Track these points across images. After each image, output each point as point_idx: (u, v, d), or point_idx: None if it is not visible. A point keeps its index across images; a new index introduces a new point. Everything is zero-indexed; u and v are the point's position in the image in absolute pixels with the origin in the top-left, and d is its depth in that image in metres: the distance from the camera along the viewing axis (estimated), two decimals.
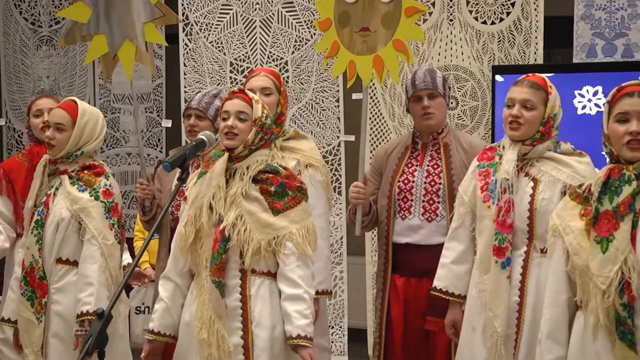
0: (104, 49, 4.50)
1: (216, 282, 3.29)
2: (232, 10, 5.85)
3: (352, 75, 4.16)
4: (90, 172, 3.86)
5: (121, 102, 6.62)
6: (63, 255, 3.81)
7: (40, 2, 6.77)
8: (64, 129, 3.83)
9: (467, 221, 3.63)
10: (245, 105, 3.38)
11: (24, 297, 3.77)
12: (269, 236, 3.30)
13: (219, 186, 3.34)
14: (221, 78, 5.90)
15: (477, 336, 3.51)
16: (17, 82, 6.87)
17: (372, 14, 4.08)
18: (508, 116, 3.52)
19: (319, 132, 5.72)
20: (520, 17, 5.29)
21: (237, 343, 3.30)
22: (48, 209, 3.80)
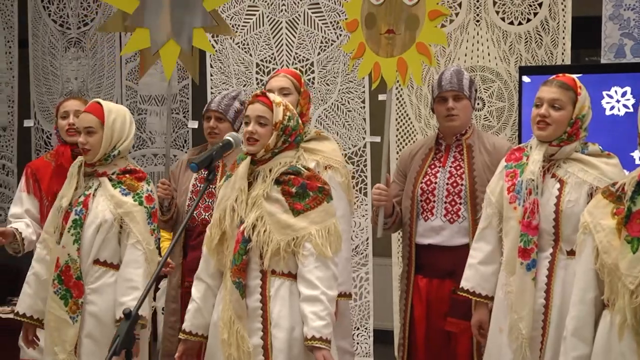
0: (145, 44, 4.54)
1: (236, 283, 3.32)
2: (259, 11, 5.86)
3: (376, 77, 4.18)
4: (132, 176, 3.87)
5: (147, 103, 6.63)
6: (101, 257, 3.81)
7: (69, 5, 6.80)
8: (94, 131, 3.80)
9: (495, 222, 3.62)
10: (266, 110, 3.38)
11: (57, 296, 3.75)
12: (288, 237, 3.31)
13: (241, 189, 3.37)
14: (247, 79, 5.92)
15: (504, 338, 3.52)
16: (45, 83, 6.92)
17: (397, 16, 4.10)
18: (536, 116, 3.52)
19: (345, 133, 5.73)
20: (548, 17, 5.26)
21: (257, 344, 3.33)
22: (87, 210, 3.78)
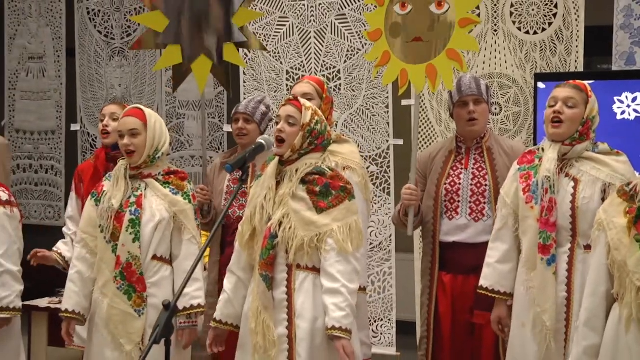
0: (177, 60, 4.54)
1: (263, 276, 3.32)
2: (289, 22, 5.85)
3: (403, 83, 4.15)
4: (176, 177, 3.88)
5: (185, 108, 6.68)
6: (158, 253, 3.81)
7: (113, 16, 6.86)
8: (138, 133, 3.80)
9: (510, 222, 3.60)
10: (295, 111, 3.39)
11: (120, 292, 3.76)
12: (311, 233, 3.31)
13: (270, 188, 3.38)
14: (278, 86, 5.91)
15: (527, 332, 3.49)
16: (91, 90, 6.98)
17: (424, 24, 4.07)
18: (551, 113, 3.51)
19: (369, 136, 5.71)
20: (562, 27, 5.23)
21: (283, 333, 3.33)
22: (142, 209, 3.79)
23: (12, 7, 7.10)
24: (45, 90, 7.13)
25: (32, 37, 7.10)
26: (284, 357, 3.30)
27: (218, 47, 4.45)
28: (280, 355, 3.29)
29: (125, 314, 3.75)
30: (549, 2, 5.23)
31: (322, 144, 3.46)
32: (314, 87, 4.12)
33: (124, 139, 3.81)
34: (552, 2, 5.22)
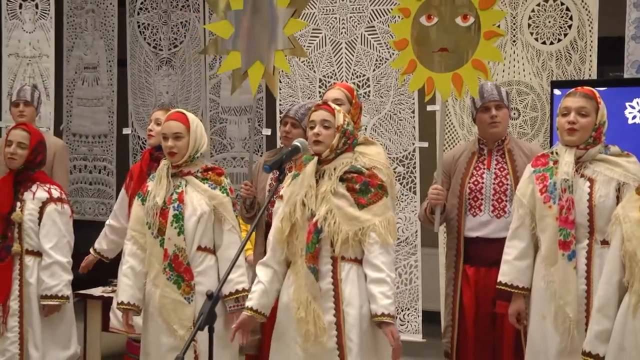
0: (236, 65, 4.55)
1: (311, 268, 3.31)
2: (322, 33, 5.86)
3: (430, 90, 4.12)
4: (213, 173, 3.89)
5: (227, 113, 6.70)
6: (202, 244, 3.82)
7: (161, 29, 6.90)
8: (182, 136, 3.81)
9: (527, 221, 3.57)
10: (329, 115, 3.40)
11: (170, 282, 3.78)
12: (355, 227, 3.31)
13: (310, 185, 3.36)
14: (311, 92, 5.91)
15: (548, 324, 3.47)
16: (141, 97, 7.03)
17: (450, 36, 4.03)
18: (565, 123, 3.47)
19: (397, 139, 5.70)
20: (577, 37, 5.21)
21: (330, 321, 3.31)
22: (184, 204, 3.80)
23: (70, 22, 7.15)
24: (99, 97, 7.17)
25: (87, 49, 7.14)
26: (332, 342, 3.30)
27: (270, 54, 4.47)
28: (329, 341, 3.29)
29: (176, 302, 3.77)
30: (564, 14, 5.20)
31: (353, 143, 3.47)
32: (344, 93, 4.12)
33: (167, 142, 3.83)
34: (567, 14, 5.19)
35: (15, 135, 4.21)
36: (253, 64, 4.50)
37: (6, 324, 4.12)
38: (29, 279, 4.17)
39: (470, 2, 3.99)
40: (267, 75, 4.49)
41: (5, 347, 4.12)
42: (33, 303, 4.16)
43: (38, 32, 6.54)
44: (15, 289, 4.15)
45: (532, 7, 5.28)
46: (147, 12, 6.91)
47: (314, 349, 3.30)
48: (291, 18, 4.40)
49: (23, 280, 4.16)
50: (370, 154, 3.92)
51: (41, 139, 4.31)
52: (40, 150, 4.27)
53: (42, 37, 6.54)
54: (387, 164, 4.07)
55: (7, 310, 4.11)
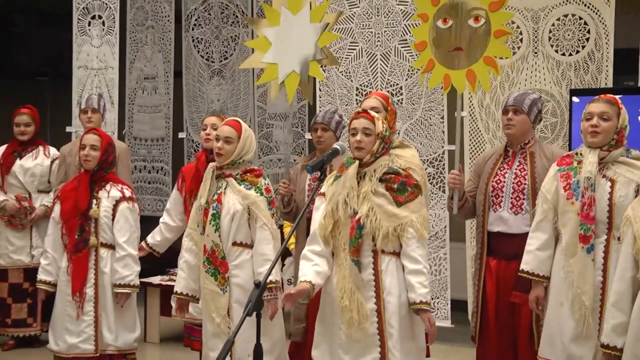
0: (274, 76, 4.57)
1: (355, 261, 3.32)
2: (358, 46, 5.86)
3: (447, 86, 4.15)
4: (251, 174, 3.86)
5: (273, 119, 6.72)
6: (237, 239, 3.81)
7: (213, 43, 6.95)
8: (231, 141, 3.81)
9: (550, 215, 3.53)
10: (369, 123, 3.40)
11: (208, 274, 3.81)
12: (394, 223, 3.32)
13: (352, 187, 3.37)
14: (348, 100, 5.90)
15: (565, 310, 3.45)
16: (194, 104, 7.08)
17: (463, 36, 4.04)
18: (588, 127, 3.44)
19: (427, 143, 5.68)
20: (594, 49, 5.16)
21: (372, 308, 3.33)
22: (221, 204, 3.80)
23: (132, 37, 7.22)
24: (157, 105, 7.23)
25: (147, 61, 7.22)
26: (374, 328, 3.31)
27: (305, 64, 4.47)
28: (371, 327, 3.30)
29: (213, 292, 3.79)
30: (582, 28, 5.16)
31: (389, 147, 3.48)
32: (380, 101, 4.10)
33: (218, 142, 3.83)
34: (585, 27, 5.15)
35: (87, 139, 4.25)
36: (289, 75, 4.51)
37: (82, 309, 4.17)
38: (104, 268, 4.21)
39: (481, 4, 4.00)
40: (302, 83, 4.51)
41: (82, 329, 4.17)
42: (107, 290, 4.21)
43: (104, 47, 6.60)
44: (91, 278, 4.20)
45: (552, 21, 5.24)
46: (200, 27, 6.96)
47: (357, 334, 3.30)
48: (324, 31, 4.42)
49: (98, 269, 4.21)
50: (406, 156, 3.88)
51: (110, 141, 4.35)
52: (111, 151, 4.31)
53: (107, 51, 6.60)
54: (421, 166, 4.06)
55: (83, 296, 4.17)
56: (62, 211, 4.24)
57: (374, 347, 3.31)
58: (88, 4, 6.64)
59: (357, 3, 5.79)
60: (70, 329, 4.19)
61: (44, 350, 5.47)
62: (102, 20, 6.60)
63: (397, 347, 3.29)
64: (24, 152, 5.78)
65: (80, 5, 6.65)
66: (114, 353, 4.27)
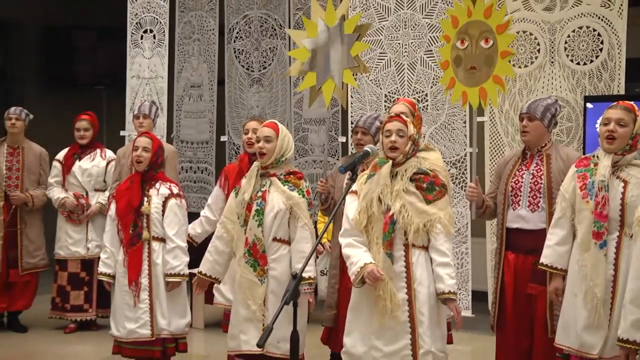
0: (312, 83, 4.59)
1: (388, 254, 3.33)
2: (387, 56, 5.84)
3: (464, 102, 4.18)
4: (294, 176, 3.87)
5: (308, 124, 6.73)
6: (277, 235, 3.82)
7: (253, 54, 6.98)
8: (271, 140, 3.82)
9: (568, 213, 3.52)
10: (402, 126, 3.43)
11: (247, 265, 3.81)
12: (424, 220, 3.33)
13: (386, 184, 3.38)
14: (377, 106, 5.87)
15: (579, 301, 3.43)
16: (235, 110, 7.11)
17: (477, 56, 4.06)
18: (605, 132, 3.41)
19: (450, 146, 5.65)
20: (607, 59, 5.11)
21: (404, 298, 3.34)
22: (265, 202, 3.80)
23: (180, 49, 7.28)
24: (202, 111, 7.26)
25: (193, 71, 7.25)
26: (405, 316, 3.32)
27: (339, 72, 4.49)
28: (402, 315, 3.31)
29: (251, 282, 3.79)
30: (596, 39, 5.12)
31: (418, 149, 3.50)
32: (408, 107, 4.12)
33: (259, 143, 3.84)
34: (599, 39, 5.11)
35: (140, 141, 4.29)
36: (326, 81, 4.53)
37: (139, 297, 4.20)
38: (156, 260, 4.23)
39: (490, 27, 4.01)
40: (337, 90, 4.52)
41: (139, 316, 4.20)
42: (160, 280, 4.23)
43: (155, 58, 6.67)
44: (145, 269, 4.22)
45: (567, 32, 5.21)
46: (241, 40, 7.01)
47: (390, 322, 3.31)
48: (356, 41, 4.43)
49: (151, 261, 4.23)
50: (431, 158, 3.87)
51: (160, 144, 4.38)
52: (160, 153, 4.34)
53: (158, 62, 6.66)
54: (445, 167, 4.06)
55: (139, 286, 4.20)
56: (117, 209, 4.27)
57: (405, 334, 3.31)
58: (141, 19, 6.72)
59: (385, 17, 5.77)
60: (129, 316, 4.22)
61: (100, 333, 5.60)
62: (153, 34, 6.66)
63: (428, 333, 3.31)
64: (83, 154, 5.85)
65: (133, 21, 6.73)
66: (168, 337, 4.29)
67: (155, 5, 6.73)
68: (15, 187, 5.76)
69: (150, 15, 6.70)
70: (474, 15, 4.05)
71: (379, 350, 3.32)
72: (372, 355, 3.34)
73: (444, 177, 3.76)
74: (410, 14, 5.72)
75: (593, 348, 3.35)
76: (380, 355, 3.32)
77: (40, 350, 5.45)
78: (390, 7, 5.77)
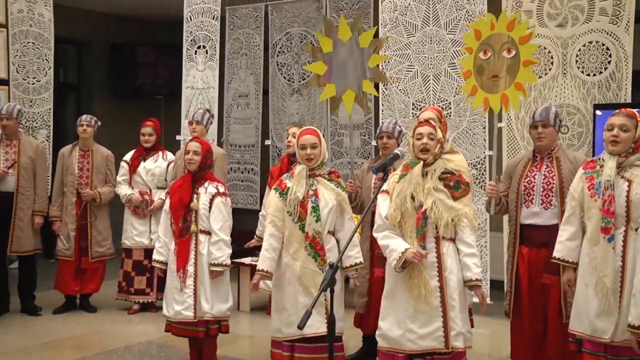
0: (332, 93, 4.60)
1: (421, 246, 3.33)
2: (414, 68, 5.84)
3: (486, 107, 4.17)
4: (334, 175, 3.90)
5: (343, 129, 6.77)
6: (330, 228, 3.83)
7: (293, 67, 7.05)
8: (317, 146, 3.83)
9: (577, 211, 3.51)
10: (432, 130, 3.44)
11: (309, 256, 3.78)
12: (452, 215, 3.34)
13: (418, 182, 3.37)
14: (406, 113, 5.87)
15: (590, 290, 3.42)
16: (278, 117, 7.18)
17: (499, 65, 4.05)
18: (609, 137, 3.41)
19: (471, 149, 5.64)
20: (615, 70, 5.04)
21: (435, 285, 3.34)
22: (319, 199, 3.80)
23: (229, 63, 7.37)
24: (248, 118, 7.35)
25: (241, 82, 7.36)
26: (437, 301, 3.33)
27: (359, 82, 4.49)
28: (435, 300, 3.32)
29: (313, 272, 3.76)
30: (604, 52, 5.06)
31: (444, 151, 3.50)
32: (435, 113, 4.16)
33: (307, 150, 3.82)
34: (607, 52, 5.05)
35: (191, 146, 4.30)
36: (345, 92, 4.52)
37: (185, 283, 4.20)
38: (202, 250, 4.22)
39: (512, 39, 4.00)
40: (357, 98, 4.51)
41: (184, 299, 4.21)
42: (204, 268, 4.22)
43: (207, 71, 6.73)
44: (192, 258, 4.22)
45: (578, 47, 5.15)
46: (283, 54, 7.08)
47: (423, 307, 3.32)
48: (373, 53, 4.42)
49: (198, 251, 4.22)
50: (455, 160, 3.84)
51: (209, 147, 4.37)
52: (209, 156, 4.33)
53: (209, 74, 6.73)
54: (468, 168, 4.06)
55: (186, 273, 4.20)
56: (171, 204, 4.29)
57: (437, 317, 3.32)
58: (195, 37, 6.80)
59: (413, 33, 5.79)
60: (177, 299, 4.23)
61: (159, 314, 5.57)
62: (205, 50, 6.73)
63: (459, 316, 3.33)
64: (147, 156, 5.92)
65: (188, 38, 6.83)
66: (211, 319, 4.28)
67: (207, 24, 6.81)
68: (86, 185, 5.83)
69: (203, 33, 6.78)
70: (497, 29, 4.04)
71: (414, 332, 3.33)
72: (407, 337, 3.35)
73: (468, 177, 3.76)
74: (435, 30, 5.72)
75: (605, 333, 3.33)
76: (415, 337, 3.33)
77: (107, 328, 5.52)
78: (417, 24, 5.77)
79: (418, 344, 3.34)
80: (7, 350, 4.93)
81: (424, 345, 3.33)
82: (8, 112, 5.68)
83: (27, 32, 6.46)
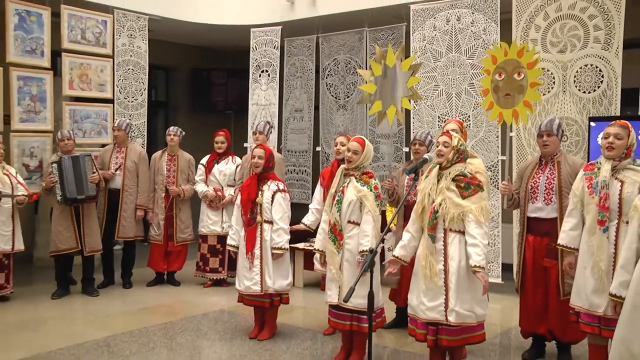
0: (379, 108, 4.59)
1: (431, 236, 3.34)
2: (440, 87, 5.85)
3: (500, 120, 4.14)
4: (366, 175, 3.81)
5: (380, 138, 6.73)
6: (351, 219, 3.78)
7: (340, 87, 7.01)
8: (358, 153, 3.78)
9: (578, 206, 3.50)
10: (448, 139, 3.37)
11: (330, 240, 3.80)
12: (459, 210, 3.28)
13: (434, 183, 3.36)
14: (432, 124, 5.87)
15: (587, 272, 3.42)
16: (326, 127, 7.12)
17: (512, 86, 4.05)
18: (606, 144, 3.41)
19: (487, 155, 5.62)
20: (606, 89, 5.03)
21: (440, 269, 3.33)
22: (343, 194, 3.79)
23: (287, 84, 7.32)
24: (303, 129, 7.33)
25: (296, 99, 7.33)
26: (441, 282, 3.32)
27: (398, 99, 4.47)
28: (439, 280, 3.31)
29: (332, 252, 3.78)
30: (598, 73, 5.04)
31: (464, 157, 3.43)
32: (457, 125, 4.16)
33: (349, 153, 3.78)
34: (600, 73, 5.03)
35: (256, 152, 4.33)
36: (389, 107, 4.52)
37: (252, 263, 4.24)
38: (266, 237, 4.25)
39: (522, 64, 4.00)
40: (397, 113, 4.54)
41: (252, 276, 4.24)
42: (268, 251, 4.25)
43: (269, 90, 6.87)
44: (258, 243, 4.25)
45: (576, 69, 5.14)
46: (332, 76, 7.05)
47: (430, 285, 3.34)
48: (411, 76, 4.46)
49: (262, 237, 4.25)
50: (475, 164, 3.92)
51: (271, 152, 4.37)
52: (271, 160, 4.34)
53: (271, 93, 6.86)
54: (485, 170, 4.10)
55: (253, 255, 4.24)
56: (241, 199, 4.32)
57: (441, 295, 3.33)
58: (259, 63, 6.93)
59: (439, 58, 5.80)
60: (247, 276, 4.26)
61: (229, 289, 5.83)
62: (267, 73, 6.84)
63: (454, 296, 3.30)
64: (220, 159, 5.95)
65: (254, 64, 6.96)
66: (273, 293, 4.30)
67: (270, 52, 6.94)
68: (172, 183, 5.91)
69: (266, 60, 6.90)
70: (509, 55, 4.04)
71: (425, 304, 3.38)
72: (420, 307, 3.40)
73: (484, 178, 3.71)
74: (457, 56, 5.74)
75: (599, 307, 3.35)
76: (425, 308, 3.38)
77: (188, 299, 5.60)
78: (442, 51, 5.81)
79: (427, 314, 3.36)
80: (114, 313, 5.14)
81: (430, 316, 3.35)
82: (120, 125, 5.87)
83: (128, 60, 6.68)
